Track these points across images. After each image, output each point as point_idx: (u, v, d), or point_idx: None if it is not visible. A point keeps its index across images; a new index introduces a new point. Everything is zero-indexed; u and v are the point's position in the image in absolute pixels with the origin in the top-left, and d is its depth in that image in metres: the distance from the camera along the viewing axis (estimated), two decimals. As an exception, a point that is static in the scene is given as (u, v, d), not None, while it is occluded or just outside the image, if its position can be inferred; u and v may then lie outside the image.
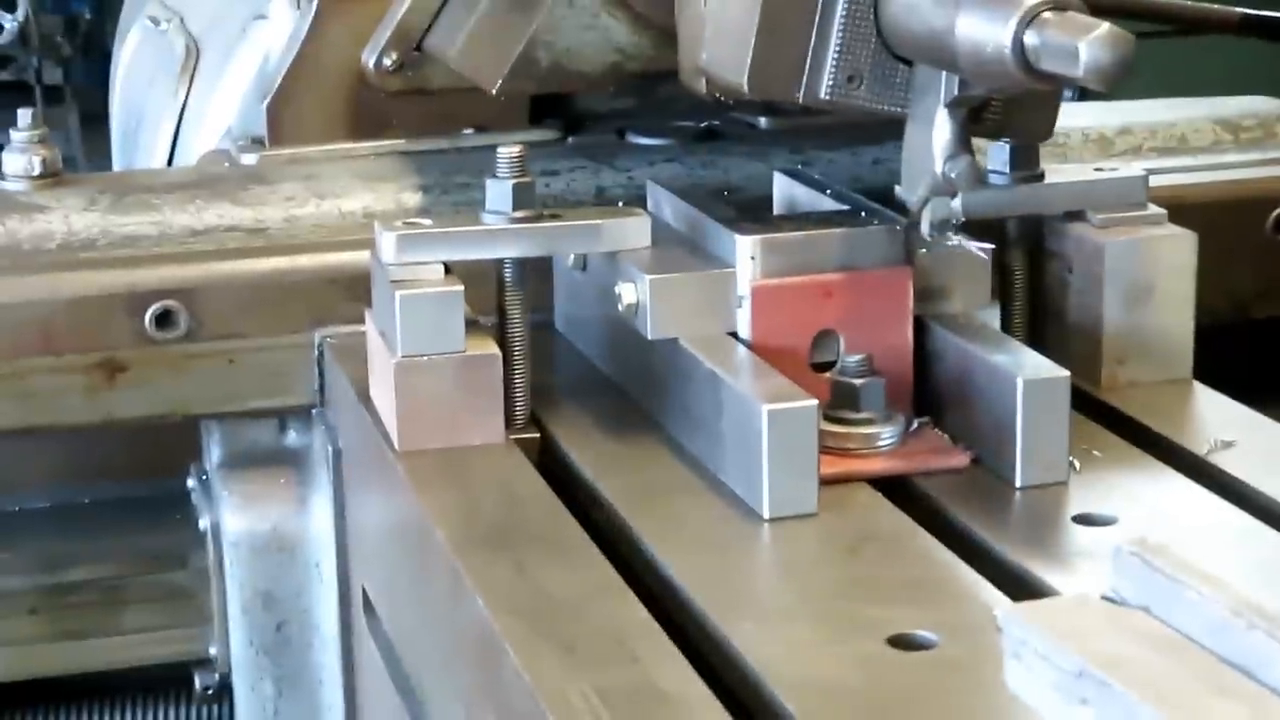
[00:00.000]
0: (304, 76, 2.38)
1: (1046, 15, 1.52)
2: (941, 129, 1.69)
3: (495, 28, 2.22)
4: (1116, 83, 1.49)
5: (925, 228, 1.76)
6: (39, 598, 2.28)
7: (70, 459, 2.32)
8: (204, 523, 2.20)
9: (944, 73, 1.68)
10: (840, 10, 1.73)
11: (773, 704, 1.36)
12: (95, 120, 4.70)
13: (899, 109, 1.75)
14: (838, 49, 1.74)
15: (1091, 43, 1.47)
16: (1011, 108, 1.82)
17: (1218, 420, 1.88)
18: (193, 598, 2.26)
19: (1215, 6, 3.57)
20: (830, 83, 1.75)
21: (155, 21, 3.32)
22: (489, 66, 2.19)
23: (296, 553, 2.19)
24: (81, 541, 2.30)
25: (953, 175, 1.69)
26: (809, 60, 1.76)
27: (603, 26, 2.17)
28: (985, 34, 1.55)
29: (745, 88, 1.79)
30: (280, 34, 2.51)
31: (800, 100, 1.78)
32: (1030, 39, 1.52)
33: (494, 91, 2.17)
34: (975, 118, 1.76)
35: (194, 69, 2.91)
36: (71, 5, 8.20)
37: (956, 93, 1.68)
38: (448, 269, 1.82)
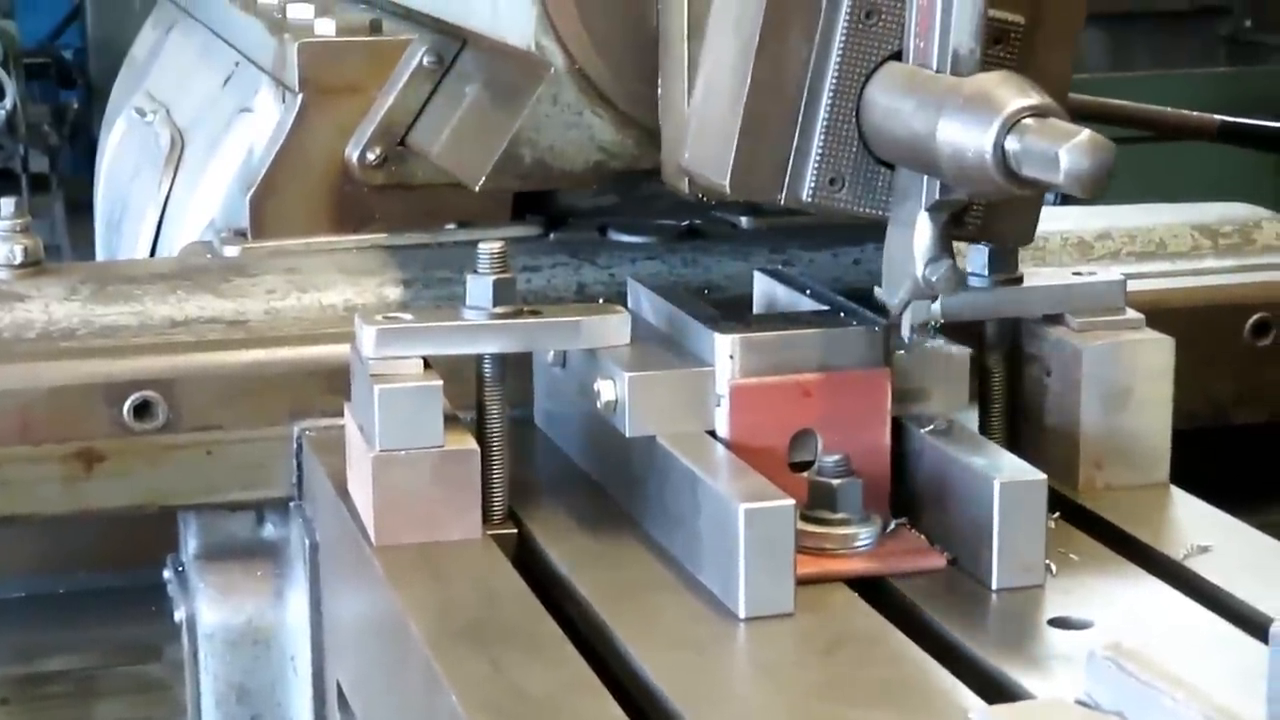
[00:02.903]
0: (288, 170, 2.38)
1: (1028, 122, 1.52)
2: (922, 232, 1.68)
3: (479, 124, 2.22)
4: (1098, 188, 1.49)
5: (905, 331, 1.76)
6: (12, 688, 2.26)
7: (46, 549, 2.31)
8: (179, 614, 2.18)
9: (925, 176, 1.67)
10: (823, 113, 1.73)
11: (746, 805, 1.35)
12: (81, 209, 4.70)
13: (880, 212, 1.74)
14: (820, 152, 1.74)
15: (1072, 149, 1.47)
16: (992, 211, 1.83)
17: (1195, 525, 1.88)
18: (167, 690, 2.25)
19: (1194, 114, 3.59)
20: (812, 185, 1.75)
21: (141, 112, 3.33)
22: (473, 163, 2.17)
23: (272, 646, 2.18)
24: (56, 632, 2.29)
25: (933, 279, 1.68)
26: (791, 162, 1.75)
27: (586, 124, 2.12)
28: (967, 140, 1.55)
29: (728, 188, 1.79)
30: (265, 127, 2.52)
31: (782, 202, 1.78)
32: (1011, 145, 1.52)
33: (477, 188, 2.15)
34: (956, 221, 1.75)
35: (178, 160, 2.92)
36: (60, 95, 8.22)
37: (938, 196, 1.67)
38: (427, 364, 1.82)
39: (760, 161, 1.76)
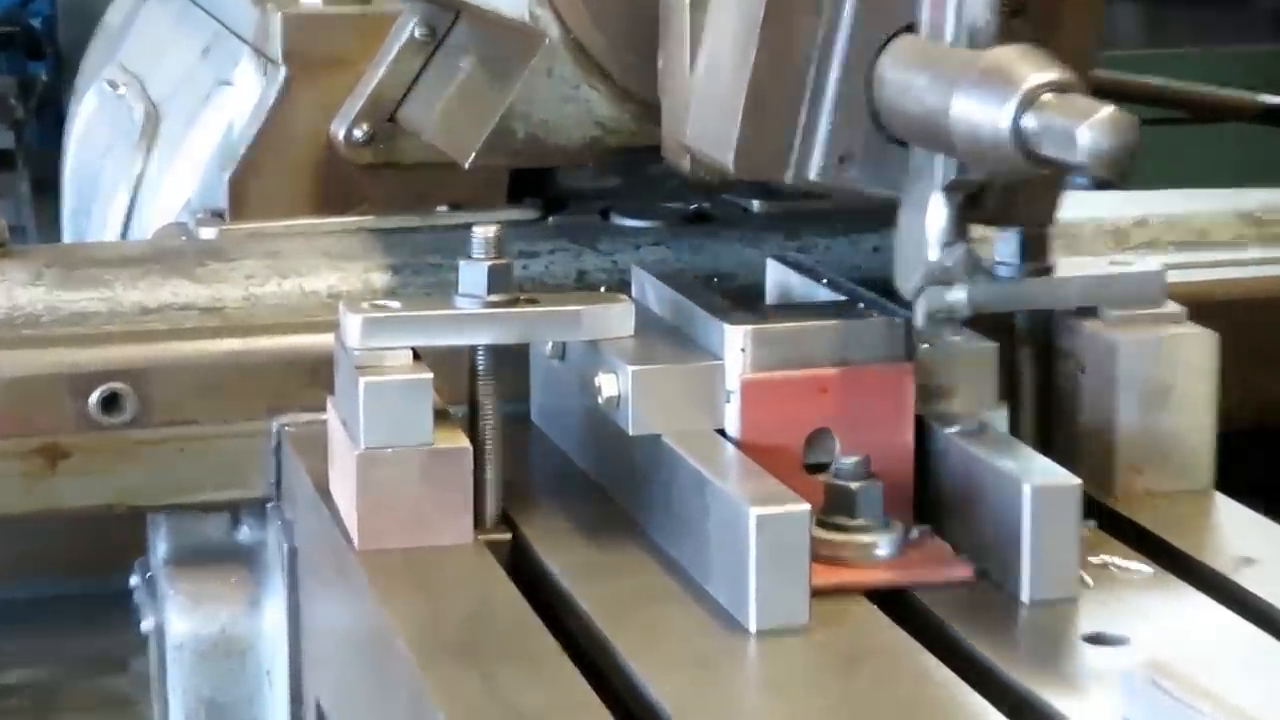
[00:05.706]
0: (270, 147, 2.39)
1: (1047, 98, 1.52)
2: (936, 214, 1.68)
3: (471, 99, 2.23)
4: (1119, 169, 1.49)
5: (919, 319, 1.74)
6: (-33, 701, 2.26)
7: (5, 552, 2.31)
8: (147, 624, 2.19)
9: (939, 155, 1.67)
10: (832, 88, 1.74)
11: (757, 836, 1.34)
12: (47, 187, 4.72)
13: (893, 192, 1.74)
14: (829, 128, 1.75)
15: (1092, 126, 1.48)
16: (1012, 192, 1.81)
17: (1241, 535, 1.87)
18: (133, 705, 2.25)
19: (1232, 93, 3.58)
20: (821, 163, 1.75)
21: (113, 85, 3.33)
22: (463, 139, 2.19)
23: (246, 658, 2.17)
24: (15, 641, 2.29)
25: (948, 264, 1.68)
26: (798, 139, 1.76)
27: (583, 98, 2.17)
28: (983, 116, 1.56)
29: (731, 167, 1.79)
30: (246, 102, 2.52)
31: (789, 181, 1.78)
32: (1029, 123, 1.53)
33: (467, 165, 2.18)
34: (974, 202, 1.74)
35: (153, 136, 2.92)
36: (27, 66, 8.25)
37: (953, 176, 1.67)
38: (416, 355, 1.81)
39: (766, 139, 1.76)
